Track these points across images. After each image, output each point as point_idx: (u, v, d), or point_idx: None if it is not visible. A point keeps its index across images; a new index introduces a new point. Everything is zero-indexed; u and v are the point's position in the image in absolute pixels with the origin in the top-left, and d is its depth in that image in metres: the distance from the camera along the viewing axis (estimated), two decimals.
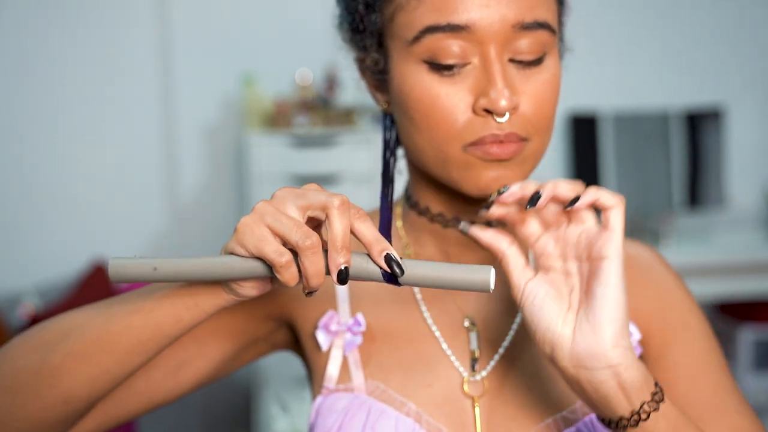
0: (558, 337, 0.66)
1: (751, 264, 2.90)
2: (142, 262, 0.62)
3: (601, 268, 0.65)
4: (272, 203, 0.61)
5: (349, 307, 0.82)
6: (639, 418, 0.64)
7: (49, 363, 0.70)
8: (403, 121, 0.76)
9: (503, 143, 0.72)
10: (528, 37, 0.72)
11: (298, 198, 0.61)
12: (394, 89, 0.76)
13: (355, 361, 0.80)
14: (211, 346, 0.83)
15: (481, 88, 0.72)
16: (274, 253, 0.59)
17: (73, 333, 0.70)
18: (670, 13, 3.40)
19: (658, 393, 0.65)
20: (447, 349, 0.80)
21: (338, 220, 0.60)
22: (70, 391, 0.70)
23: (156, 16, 3.03)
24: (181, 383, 0.82)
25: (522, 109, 0.73)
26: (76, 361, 0.70)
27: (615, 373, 0.65)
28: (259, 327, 0.85)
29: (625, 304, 0.65)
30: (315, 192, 0.62)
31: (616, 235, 0.66)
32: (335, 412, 0.78)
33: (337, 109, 2.91)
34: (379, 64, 0.78)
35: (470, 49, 0.71)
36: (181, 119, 3.07)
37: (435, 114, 0.73)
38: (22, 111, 2.97)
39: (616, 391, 0.65)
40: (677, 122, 3.22)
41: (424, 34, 0.71)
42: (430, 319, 0.81)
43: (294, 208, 0.61)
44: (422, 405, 0.77)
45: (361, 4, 0.77)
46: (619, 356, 0.64)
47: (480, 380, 0.79)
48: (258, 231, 0.60)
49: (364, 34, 0.78)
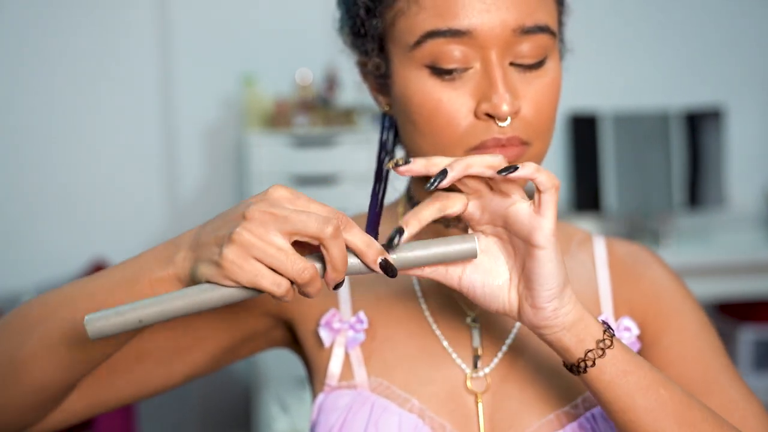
0: (509, 312, 0.69)
1: (751, 264, 2.90)
2: (120, 311, 0.61)
3: (535, 255, 0.65)
4: (253, 231, 0.60)
5: (351, 305, 0.83)
6: (585, 365, 0.67)
7: (22, 352, 0.71)
8: (405, 125, 0.77)
9: (505, 147, 0.73)
10: (529, 41, 0.72)
11: (282, 223, 0.60)
12: (396, 93, 0.76)
13: (358, 358, 0.80)
14: (206, 338, 0.83)
15: (483, 92, 0.72)
16: (273, 285, 0.60)
17: (42, 323, 0.71)
18: (670, 14, 3.40)
19: (604, 341, 0.67)
20: (448, 347, 0.80)
21: (335, 248, 0.61)
22: (43, 380, 0.71)
23: (156, 16, 3.03)
24: (174, 373, 0.83)
25: (523, 112, 0.73)
26: (47, 351, 0.70)
27: (558, 335, 0.67)
28: (256, 323, 0.85)
29: (562, 281, 0.66)
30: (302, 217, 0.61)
31: (547, 222, 0.64)
32: (338, 409, 0.78)
33: (337, 109, 2.91)
34: (381, 68, 0.78)
35: (471, 54, 0.72)
36: (181, 119, 3.07)
37: (437, 118, 0.73)
38: (22, 111, 2.97)
39: (563, 345, 0.68)
40: (677, 122, 3.22)
41: (426, 39, 0.72)
42: (431, 317, 0.82)
43: (279, 235, 0.60)
44: (425, 401, 0.78)
45: (362, 8, 0.77)
46: (559, 323, 0.67)
47: (483, 376, 0.79)
48: (249, 267, 0.60)
49: (366, 38, 0.78)
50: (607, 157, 3.19)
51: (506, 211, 0.66)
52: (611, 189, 3.18)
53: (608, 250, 0.87)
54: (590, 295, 0.84)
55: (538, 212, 0.64)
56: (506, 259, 0.68)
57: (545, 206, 0.64)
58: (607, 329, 0.68)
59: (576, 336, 0.67)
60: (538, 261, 0.65)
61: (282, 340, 0.89)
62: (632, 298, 0.84)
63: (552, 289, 0.65)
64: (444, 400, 0.78)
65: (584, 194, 3.21)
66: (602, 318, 0.82)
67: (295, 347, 0.89)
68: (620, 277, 0.85)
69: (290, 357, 0.93)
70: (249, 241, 0.60)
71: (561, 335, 0.67)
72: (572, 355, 0.67)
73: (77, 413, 0.79)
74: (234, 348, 0.86)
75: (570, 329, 0.67)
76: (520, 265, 0.67)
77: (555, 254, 0.65)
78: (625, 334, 0.81)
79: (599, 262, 0.86)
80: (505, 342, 0.81)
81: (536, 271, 0.65)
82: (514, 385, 0.79)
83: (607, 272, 0.85)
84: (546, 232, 0.64)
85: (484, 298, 0.68)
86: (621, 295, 0.84)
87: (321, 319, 0.82)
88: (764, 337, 2.99)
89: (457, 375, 0.79)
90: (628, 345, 0.81)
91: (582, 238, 0.88)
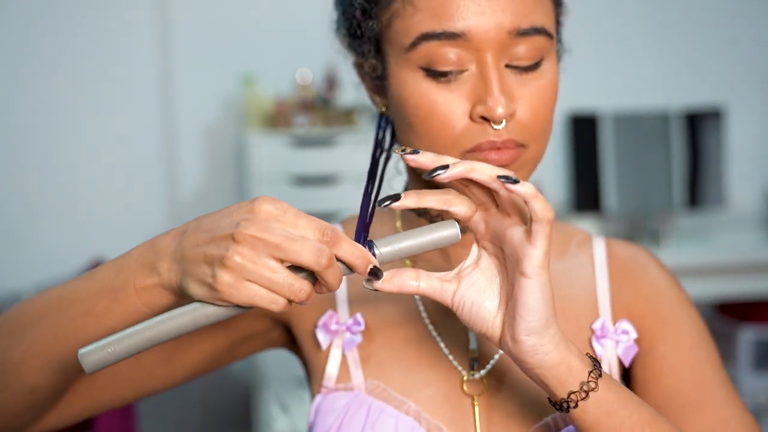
0: (490, 336, 0.66)
1: (751, 264, 2.90)
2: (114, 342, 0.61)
3: (521, 283, 0.63)
4: (245, 255, 0.59)
5: (348, 307, 0.83)
6: (568, 405, 0.65)
7: (11, 356, 0.71)
8: (402, 126, 0.77)
9: (500, 150, 0.72)
10: (525, 43, 0.72)
11: (273, 250, 0.59)
12: (393, 95, 0.76)
13: (355, 360, 0.80)
14: (203, 339, 0.83)
15: (478, 95, 0.72)
16: (270, 304, 0.61)
17: (31, 327, 0.71)
18: (670, 13, 3.40)
19: (588, 383, 0.65)
20: (444, 348, 0.80)
21: (330, 276, 0.61)
22: (35, 381, 0.71)
23: (156, 16, 3.03)
24: (172, 373, 0.83)
25: (519, 115, 0.73)
26: (35, 356, 0.70)
27: (537, 371, 0.65)
28: (253, 324, 0.85)
29: (545, 317, 0.63)
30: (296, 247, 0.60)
31: (537, 252, 0.62)
32: (335, 410, 0.78)
33: (337, 109, 2.91)
34: (377, 69, 0.78)
35: (467, 56, 0.71)
36: (181, 119, 3.07)
37: (433, 120, 0.73)
38: (22, 111, 2.97)
39: (543, 383, 0.66)
40: (677, 122, 3.22)
41: (420, 41, 0.71)
42: (427, 318, 0.82)
43: (271, 261, 0.60)
44: (422, 404, 0.78)
45: (358, 10, 0.76)
46: (537, 361, 0.64)
47: (479, 379, 0.79)
48: (245, 289, 0.60)
49: (362, 39, 0.78)
50: (607, 157, 3.19)
51: (504, 231, 0.64)
52: (611, 189, 3.18)
53: (608, 251, 0.86)
54: (589, 297, 0.83)
55: (529, 241, 0.62)
56: (501, 283, 0.66)
57: (536, 237, 0.61)
58: (593, 370, 0.65)
59: (556, 378, 0.64)
60: (522, 289, 0.62)
61: (280, 341, 0.89)
62: (631, 302, 0.83)
63: (532, 322, 0.63)
64: (440, 402, 0.78)
65: (584, 194, 3.21)
66: (600, 321, 0.81)
67: (293, 348, 0.89)
68: (620, 280, 0.84)
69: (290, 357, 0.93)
70: (242, 265, 0.59)
71: (540, 373, 0.65)
72: (554, 395, 0.65)
73: (74, 414, 0.79)
74: (232, 349, 0.86)
75: (550, 369, 0.64)
76: (509, 291, 0.65)
77: (541, 287, 0.62)
78: (623, 337, 0.81)
79: (598, 263, 0.85)
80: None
81: (520, 299, 0.63)
82: (511, 388, 0.78)
83: (606, 274, 0.84)
84: (534, 262, 0.62)
85: (470, 317, 0.66)
86: (620, 297, 0.83)
87: (318, 320, 0.82)
88: (764, 337, 2.99)
89: (453, 377, 0.79)
90: (626, 348, 0.81)
91: (582, 238, 0.88)
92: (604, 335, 0.81)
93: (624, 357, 0.81)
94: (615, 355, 0.81)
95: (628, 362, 0.81)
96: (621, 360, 0.81)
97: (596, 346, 0.81)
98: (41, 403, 0.74)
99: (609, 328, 0.81)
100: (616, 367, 0.81)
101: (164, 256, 0.64)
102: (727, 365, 2.94)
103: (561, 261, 0.85)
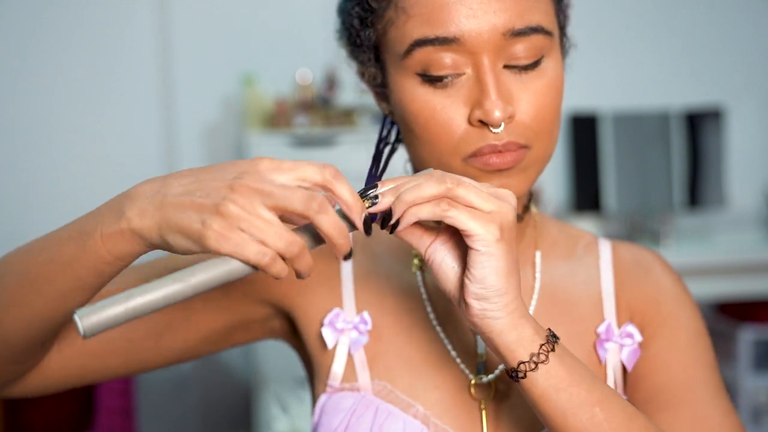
0: (453, 298, 0.67)
1: (751, 264, 2.90)
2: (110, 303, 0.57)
3: (470, 254, 0.63)
4: (239, 202, 0.57)
5: (355, 304, 0.82)
6: (517, 374, 0.65)
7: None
8: (405, 133, 0.77)
9: (501, 153, 0.72)
10: (522, 43, 0.71)
11: (266, 198, 0.58)
12: (394, 102, 0.76)
13: (361, 360, 0.79)
14: (199, 317, 0.81)
15: (475, 99, 0.71)
16: (258, 255, 0.57)
17: (4, 275, 0.68)
18: (671, 14, 3.40)
19: (539, 354, 0.65)
20: (452, 351, 0.79)
21: (324, 222, 0.59)
22: (5, 331, 0.68)
23: (156, 16, 3.03)
24: (163, 349, 0.80)
25: (520, 115, 0.72)
26: (5, 303, 0.68)
27: (487, 337, 0.65)
28: (254, 310, 0.83)
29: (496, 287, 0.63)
30: (287, 193, 0.58)
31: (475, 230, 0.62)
32: (341, 411, 0.77)
33: (337, 109, 2.91)
34: (377, 78, 0.78)
35: (462, 61, 0.71)
36: (181, 119, 3.07)
37: (433, 127, 0.72)
38: (21, 111, 2.97)
39: (496, 350, 0.66)
40: (677, 122, 3.22)
41: (414, 47, 0.71)
42: (435, 320, 0.81)
43: (264, 210, 0.58)
44: (429, 407, 0.77)
45: (356, 19, 0.76)
46: (485, 326, 0.64)
47: (487, 383, 0.78)
48: (234, 236, 0.57)
49: (361, 48, 0.78)
50: (607, 157, 3.19)
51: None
52: (611, 189, 3.18)
53: (614, 254, 0.85)
54: (594, 299, 0.83)
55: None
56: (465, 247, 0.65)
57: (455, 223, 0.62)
58: (545, 343, 0.65)
59: (506, 346, 0.65)
60: (471, 259, 0.63)
61: (280, 332, 0.87)
62: (633, 300, 0.82)
63: (479, 290, 0.63)
64: (448, 406, 0.77)
65: (584, 194, 3.21)
66: (605, 324, 0.80)
67: (293, 340, 0.87)
68: (624, 282, 0.84)
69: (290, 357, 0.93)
70: (236, 213, 0.57)
71: (492, 338, 0.65)
72: (506, 363, 0.65)
73: (58, 380, 0.77)
74: (227, 333, 0.84)
75: (499, 336, 0.64)
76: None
77: (489, 259, 0.62)
78: (627, 341, 0.80)
79: (604, 266, 0.84)
80: None
81: (469, 268, 0.63)
82: (519, 394, 0.77)
83: (611, 277, 0.84)
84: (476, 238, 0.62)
85: (438, 273, 0.66)
86: (624, 299, 0.83)
87: (324, 319, 0.81)
88: (764, 337, 2.99)
89: (461, 381, 0.78)
90: (630, 353, 0.80)
91: (588, 241, 0.87)
92: (608, 338, 0.80)
93: (627, 362, 0.80)
94: (619, 360, 0.80)
95: (631, 367, 0.80)
96: (624, 365, 0.80)
97: (600, 350, 0.80)
98: (18, 358, 0.71)
99: (614, 331, 0.80)
100: (620, 371, 0.80)
101: (137, 200, 0.61)
102: (727, 365, 2.96)
103: (567, 263, 0.84)
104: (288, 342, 0.89)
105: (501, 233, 0.62)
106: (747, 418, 2.94)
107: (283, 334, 0.87)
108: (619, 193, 3.18)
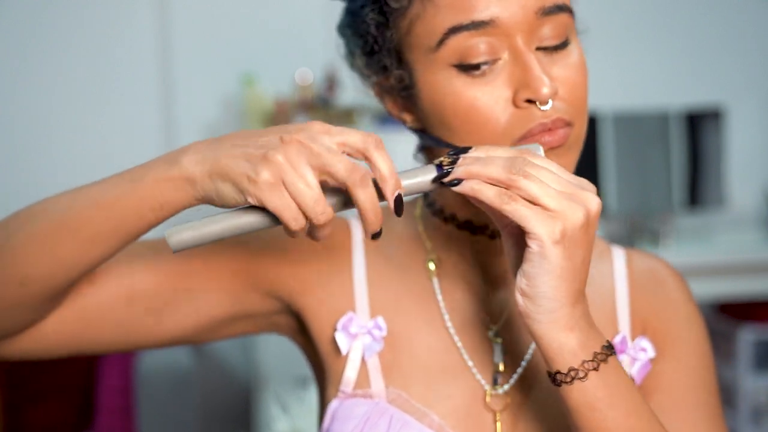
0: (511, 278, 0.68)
1: (751, 264, 2.90)
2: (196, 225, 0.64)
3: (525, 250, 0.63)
4: (288, 155, 0.60)
5: (368, 307, 0.80)
6: (555, 381, 0.64)
7: (11, 242, 0.69)
8: (441, 132, 0.74)
9: (552, 130, 0.71)
10: (550, 22, 0.71)
11: (314, 158, 0.60)
12: (425, 102, 0.74)
13: (375, 366, 0.78)
14: (202, 298, 0.80)
15: (518, 79, 0.70)
16: (292, 220, 0.61)
17: (38, 216, 0.69)
18: (671, 14, 3.40)
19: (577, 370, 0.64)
20: (468, 360, 0.78)
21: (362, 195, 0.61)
22: (26, 272, 0.69)
23: (156, 16, 3.03)
24: (161, 327, 0.79)
25: (560, 94, 0.71)
26: (35, 243, 0.68)
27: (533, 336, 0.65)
28: (260, 301, 0.82)
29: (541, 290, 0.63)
30: (335, 159, 0.61)
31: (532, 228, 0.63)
32: (354, 418, 0.75)
33: (337, 109, 2.91)
34: (404, 79, 0.76)
35: (497, 45, 0.70)
36: (181, 119, 3.07)
37: (475, 117, 0.71)
38: (21, 111, 2.96)
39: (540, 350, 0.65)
40: (677, 122, 3.22)
41: (448, 36, 0.70)
42: (452, 328, 0.79)
43: (310, 170, 0.60)
44: (444, 417, 0.76)
45: (372, 25, 0.75)
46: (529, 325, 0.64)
47: (503, 394, 0.77)
48: (278, 194, 0.60)
49: (381, 54, 0.76)
50: (607, 157, 3.19)
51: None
52: (611, 189, 3.18)
53: (628, 263, 0.84)
54: (608, 309, 0.81)
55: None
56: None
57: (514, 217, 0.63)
58: (593, 360, 0.64)
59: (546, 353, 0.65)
60: (525, 254, 0.63)
61: (286, 328, 0.85)
62: (646, 313, 0.82)
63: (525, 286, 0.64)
64: (463, 416, 0.76)
65: None
66: (620, 336, 0.79)
67: (299, 338, 0.86)
68: (638, 294, 0.83)
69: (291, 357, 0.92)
70: (281, 163, 0.60)
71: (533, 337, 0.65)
72: (546, 365, 0.66)
73: (49, 345, 0.76)
74: (229, 321, 0.82)
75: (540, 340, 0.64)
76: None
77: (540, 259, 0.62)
78: (641, 355, 0.79)
79: (618, 276, 0.83)
80: (525, 357, 0.79)
81: (523, 262, 0.64)
82: (534, 404, 0.76)
83: (626, 288, 0.83)
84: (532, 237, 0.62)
85: (507, 249, 0.67)
86: (638, 311, 0.82)
87: (338, 323, 0.79)
88: (764, 337, 2.99)
89: (476, 391, 0.77)
90: (641, 367, 0.79)
91: (601, 249, 0.85)
92: (622, 350, 0.79)
93: (637, 376, 0.79)
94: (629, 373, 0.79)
95: (640, 381, 0.79)
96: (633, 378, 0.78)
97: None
98: (29, 301, 0.70)
99: (627, 344, 0.79)
100: None
101: (192, 151, 0.64)
102: (727, 365, 2.96)
103: None
104: (293, 339, 0.87)
105: (561, 236, 0.61)
106: (747, 418, 2.94)
107: (288, 331, 0.86)
108: (619, 193, 3.18)
